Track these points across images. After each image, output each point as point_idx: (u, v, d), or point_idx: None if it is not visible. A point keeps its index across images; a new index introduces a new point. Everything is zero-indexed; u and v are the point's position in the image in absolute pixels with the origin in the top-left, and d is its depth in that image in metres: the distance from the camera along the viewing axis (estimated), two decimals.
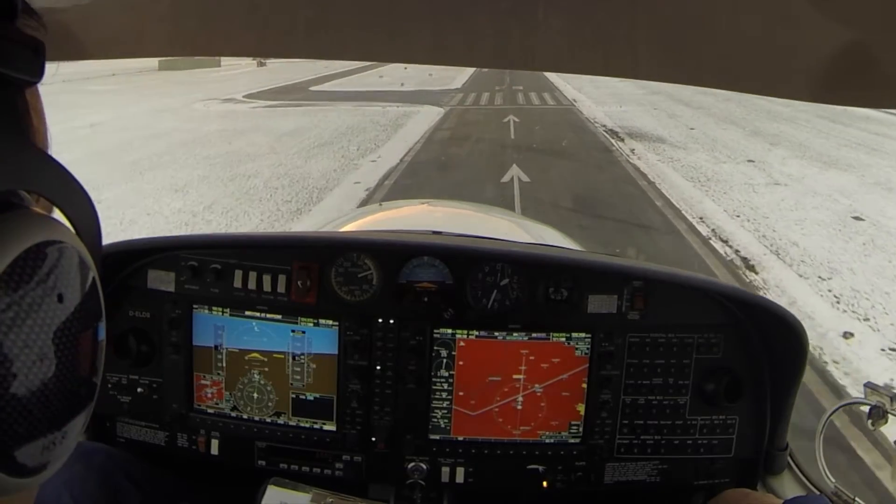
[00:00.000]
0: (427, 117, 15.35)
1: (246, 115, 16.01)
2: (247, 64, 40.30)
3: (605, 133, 13.22)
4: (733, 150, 11.12)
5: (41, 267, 0.34)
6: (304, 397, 1.23)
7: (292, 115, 15.61)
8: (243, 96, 20.67)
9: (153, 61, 30.46)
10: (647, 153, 10.75)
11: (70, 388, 0.37)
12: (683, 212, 7.15)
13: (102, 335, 0.43)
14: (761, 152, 10.86)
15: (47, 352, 0.34)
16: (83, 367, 0.39)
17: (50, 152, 0.44)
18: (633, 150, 11.04)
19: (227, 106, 17.97)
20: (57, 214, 0.40)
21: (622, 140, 12.20)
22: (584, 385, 1.21)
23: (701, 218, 6.92)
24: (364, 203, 7.48)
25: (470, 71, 34.18)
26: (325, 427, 1.23)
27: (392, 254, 1.22)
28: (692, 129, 13.53)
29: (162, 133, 12.48)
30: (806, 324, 1.14)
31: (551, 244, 1.84)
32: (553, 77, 28.93)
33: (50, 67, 0.39)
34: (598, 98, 20.00)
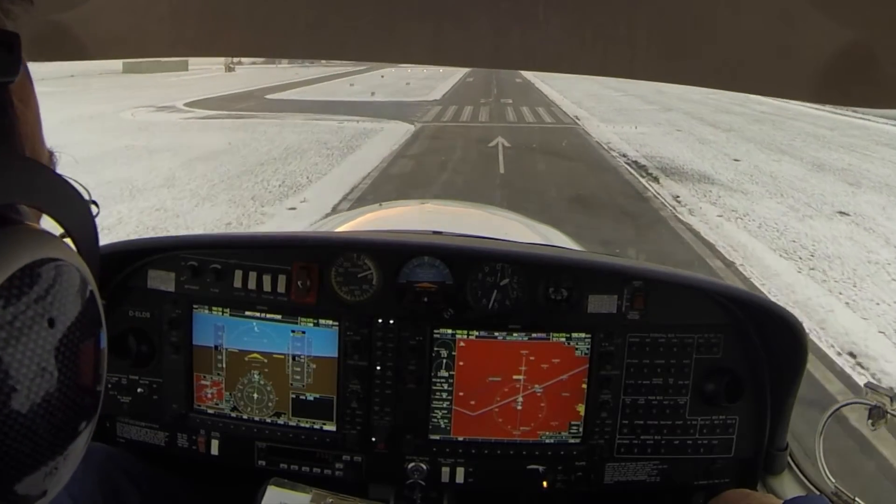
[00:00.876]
0: (390, 138, 12.99)
1: (171, 127, 14.01)
2: (216, 68, 38.00)
3: (628, 167, 10.33)
4: (807, 193, 8.53)
5: (37, 285, 0.33)
6: (304, 397, 1.23)
7: (228, 130, 13.61)
8: (185, 104, 18.99)
9: (118, 63, 28.94)
10: (699, 203, 7.85)
11: (69, 409, 0.36)
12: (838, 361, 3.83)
13: (103, 344, 0.42)
14: (846, 197, 8.29)
15: (43, 372, 0.33)
16: (82, 385, 0.38)
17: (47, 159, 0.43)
18: (677, 199, 8.10)
19: (161, 115, 16.25)
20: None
21: (656, 180, 9.28)
22: (584, 385, 1.21)
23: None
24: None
25: (453, 80, 32.80)
26: (325, 427, 1.23)
27: (392, 254, 1.22)
28: (737, 160, 10.94)
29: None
30: None
31: (551, 244, 1.84)
32: (547, 89, 27.12)
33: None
34: (604, 115, 17.73)
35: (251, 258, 1.22)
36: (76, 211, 0.41)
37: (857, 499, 1.05)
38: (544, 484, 1.22)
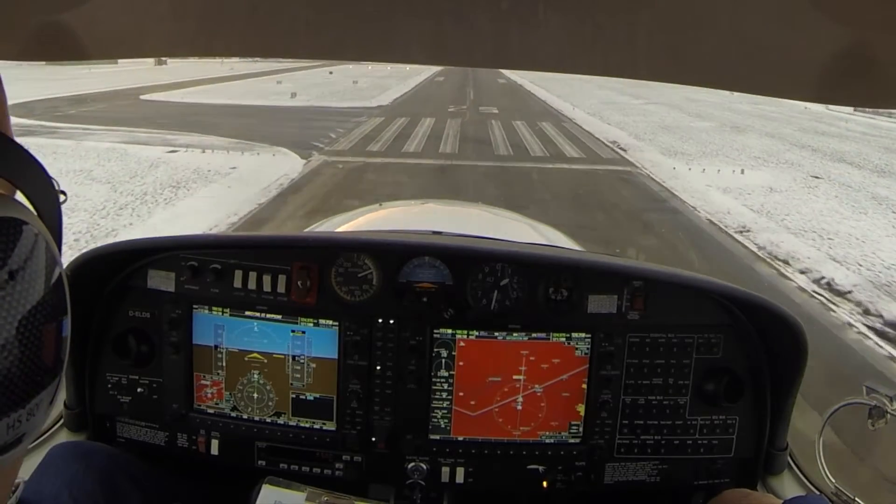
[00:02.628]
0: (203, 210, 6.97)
1: None
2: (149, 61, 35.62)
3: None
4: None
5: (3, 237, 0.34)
6: (304, 397, 1.23)
7: None
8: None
9: None
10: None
11: (31, 369, 0.37)
12: None
13: (66, 332, 0.42)
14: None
15: (2, 323, 0.34)
16: (44, 341, 0.39)
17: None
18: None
19: None
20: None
21: None
22: (585, 385, 1.21)
23: None
24: None
25: (419, 79, 29.42)
26: (326, 427, 1.23)
27: (392, 254, 1.22)
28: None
29: None
30: None
31: (552, 244, 1.84)
32: (544, 94, 23.00)
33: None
34: (656, 137, 11.37)
35: (251, 258, 1.22)
36: (45, 192, 0.42)
37: (856, 499, 1.05)
38: (544, 484, 1.22)
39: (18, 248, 0.36)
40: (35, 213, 0.41)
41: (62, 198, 0.51)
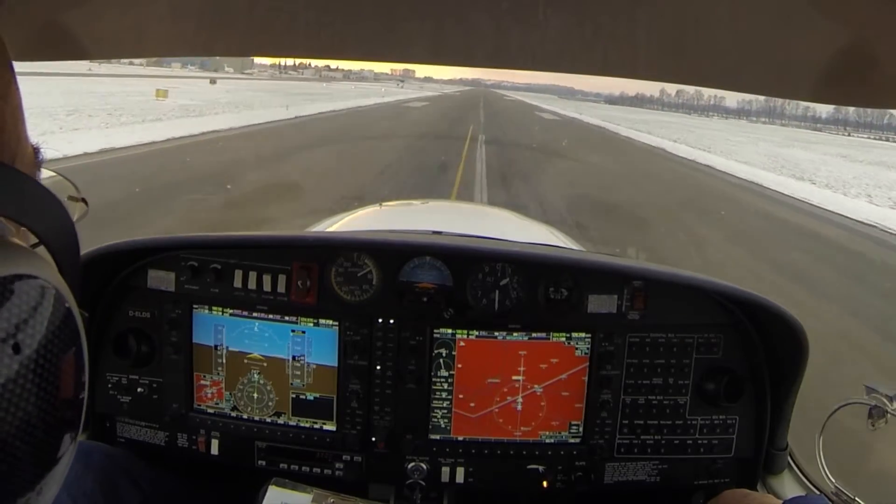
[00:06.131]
0: None
1: None
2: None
3: None
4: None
5: (8, 302, 0.30)
6: (304, 397, 1.23)
7: None
8: None
9: None
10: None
11: (46, 433, 0.33)
12: None
13: (83, 360, 0.38)
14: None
15: (11, 398, 0.30)
16: (58, 406, 0.35)
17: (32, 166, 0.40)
18: None
19: None
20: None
21: None
22: (585, 385, 1.21)
23: None
24: None
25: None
26: (326, 427, 1.23)
27: (392, 254, 1.22)
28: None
29: None
30: None
31: (551, 244, 1.84)
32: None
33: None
34: None
35: (251, 258, 1.22)
36: (53, 218, 0.37)
37: (857, 499, 1.05)
38: (544, 484, 1.22)
39: (22, 311, 0.31)
40: (38, 244, 0.37)
41: (84, 208, 0.46)
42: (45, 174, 0.45)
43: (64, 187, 0.53)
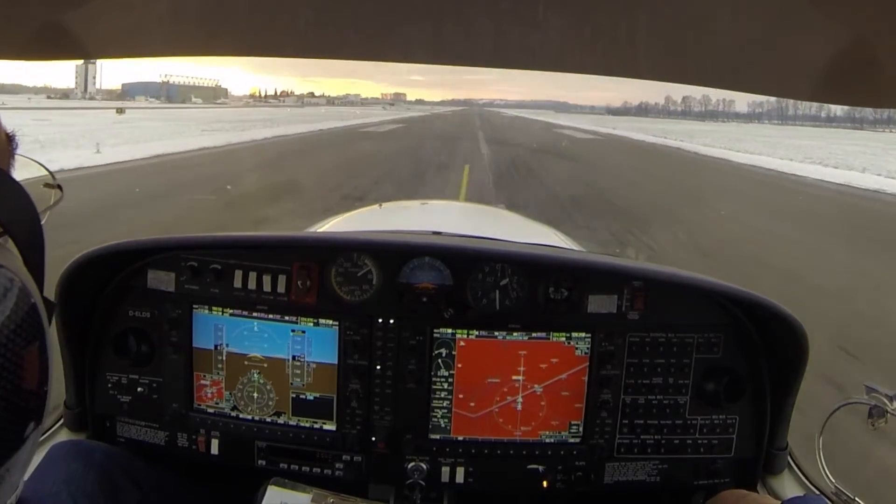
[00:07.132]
0: None
1: None
2: None
3: None
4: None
5: None
6: (304, 397, 1.23)
7: None
8: None
9: None
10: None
11: (7, 419, 0.33)
12: None
13: (47, 352, 0.37)
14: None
15: None
16: (19, 395, 0.35)
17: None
18: None
19: None
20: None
21: None
22: (585, 385, 1.21)
23: None
24: None
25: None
26: (326, 427, 1.23)
27: (392, 254, 1.22)
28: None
29: None
30: None
31: (551, 244, 1.84)
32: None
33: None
34: None
35: (251, 258, 1.22)
36: (20, 209, 0.37)
37: (856, 499, 1.05)
38: (544, 483, 1.22)
39: None
40: (2, 234, 0.36)
41: (59, 194, 0.46)
42: (20, 161, 0.45)
43: (39, 174, 0.52)
